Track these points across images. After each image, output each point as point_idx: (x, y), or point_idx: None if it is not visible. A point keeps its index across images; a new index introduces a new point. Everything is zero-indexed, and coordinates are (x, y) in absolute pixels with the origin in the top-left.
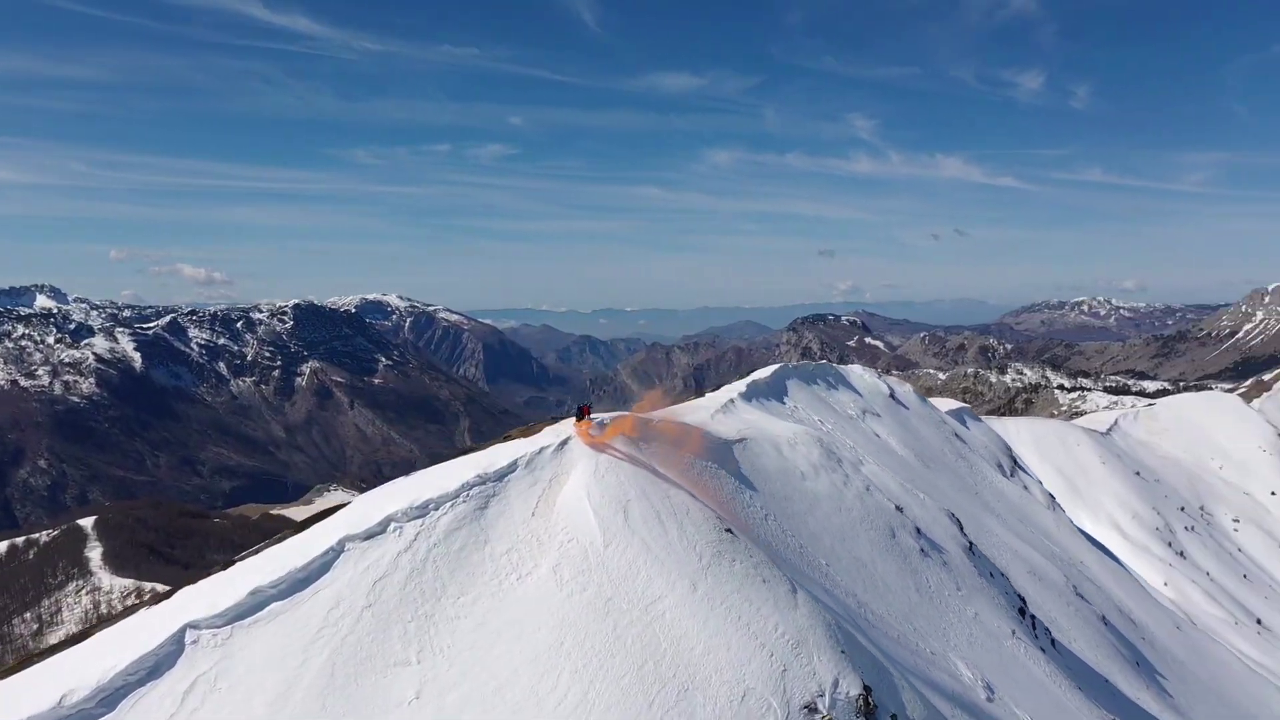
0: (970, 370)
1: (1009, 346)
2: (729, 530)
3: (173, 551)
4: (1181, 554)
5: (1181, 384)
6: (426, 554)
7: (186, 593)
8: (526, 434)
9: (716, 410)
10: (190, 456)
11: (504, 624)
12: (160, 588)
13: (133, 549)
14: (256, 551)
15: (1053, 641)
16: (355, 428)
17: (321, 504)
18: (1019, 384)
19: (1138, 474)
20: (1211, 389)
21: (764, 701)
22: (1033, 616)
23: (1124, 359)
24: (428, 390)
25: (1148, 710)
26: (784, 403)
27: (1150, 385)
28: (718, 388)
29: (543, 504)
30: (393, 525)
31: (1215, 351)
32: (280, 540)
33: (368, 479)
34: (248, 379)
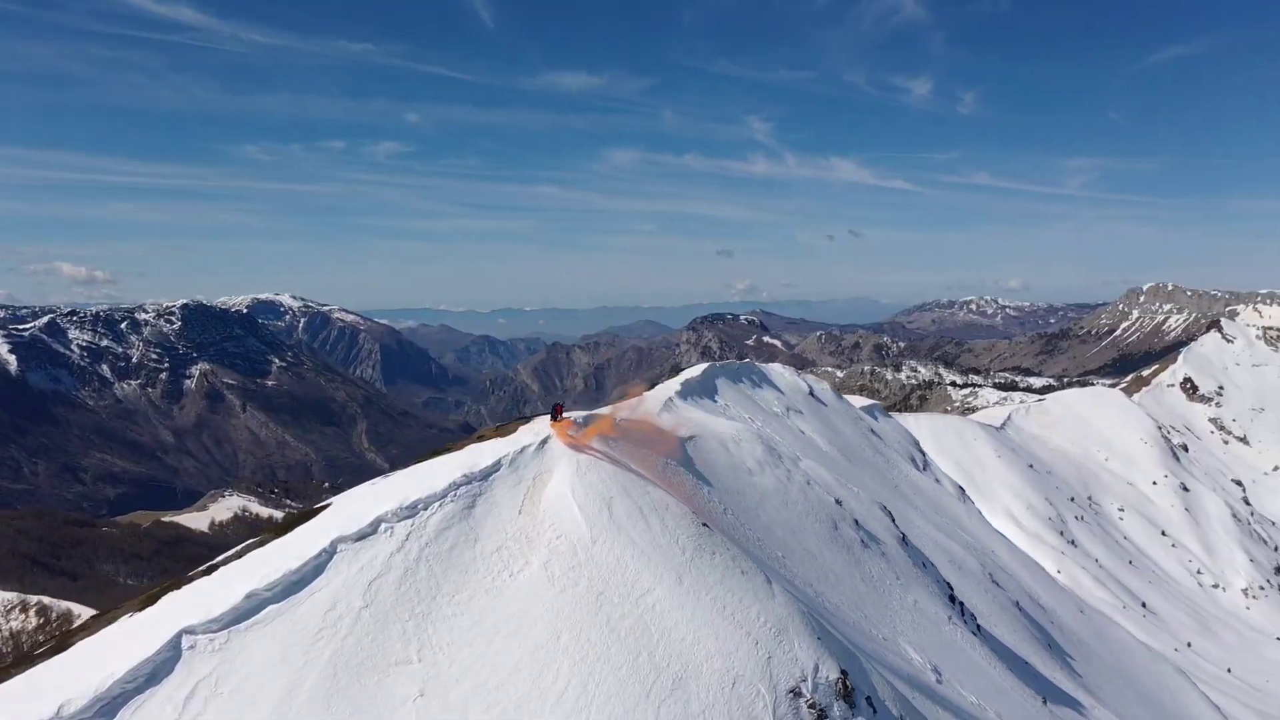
0: (867, 368)
1: (902, 345)
2: (704, 525)
3: (58, 562)
4: (1073, 542)
5: (1065, 380)
6: (419, 554)
7: (173, 599)
8: (500, 433)
9: (660, 409)
10: (71, 463)
11: (501, 620)
12: (48, 601)
13: (14, 560)
14: (239, 555)
15: (978, 626)
16: (248, 431)
17: (217, 510)
18: (914, 381)
19: (1031, 467)
20: (1093, 385)
21: (753, 688)
22: (960, 603)
23: (1011, 356)
24: (324, 392)
25: (1064, 689)
26: (716, 401)
27: (1037, 381)
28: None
29: (528, 502)
30: (383, 526)
31: (1095, 349)
32: (262, 543)
33: (263, 484)
34: (133, 382)
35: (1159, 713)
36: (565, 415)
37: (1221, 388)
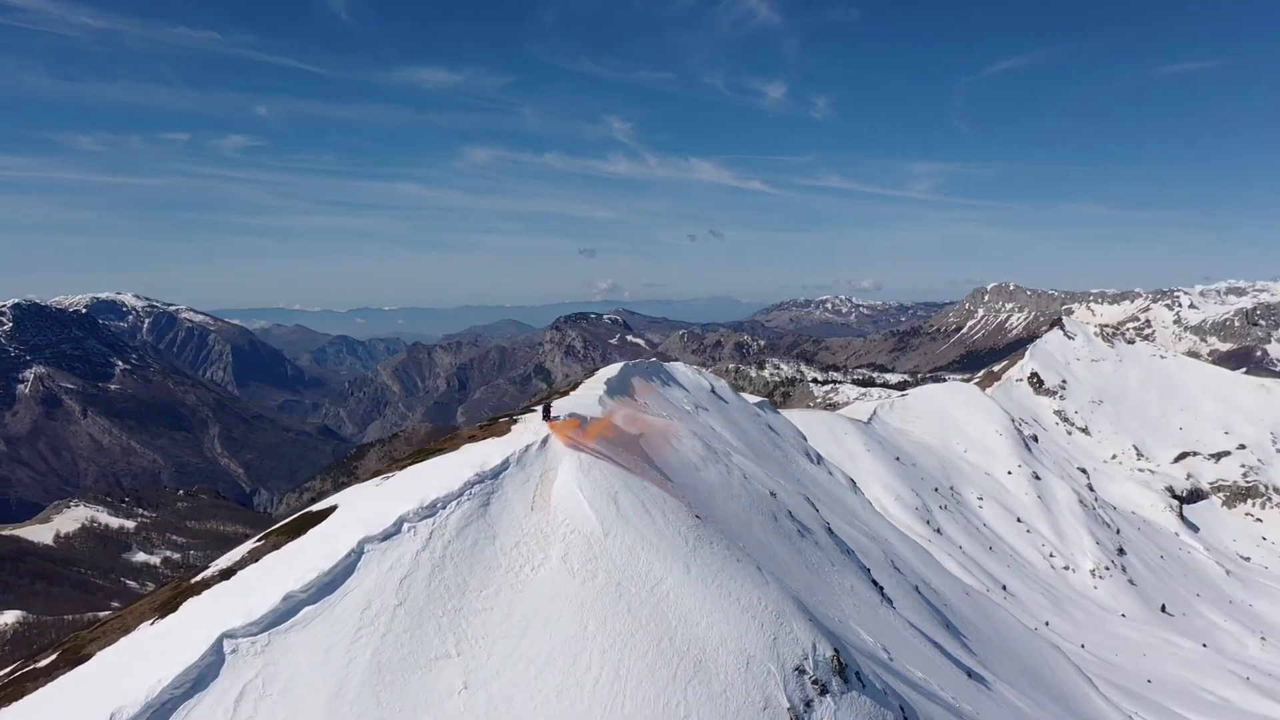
0: (731, 366)
1: (762, 343)
2: (697, 516)
3: None
4: (938, 530)
5: (918, 375)
6: (443, 551)
7: (195, 605)
8: (490, 432)
9: (594, 408)
10: None
11: (529, 613)
12: None
13: None
14: (252, 557)
15: (895, 610)
16: (89, 438)
17: (62, 522)
18: (777, 378)
19: (897, 459)
20: (946, 380)
21: (764, 667)
22: (881, 587)
23: (866, 353)
24: (172, 395)
25: (969, 666)
26: (635, 399)
27: (892, 377)
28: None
29: (538, 499)
30: (406, 525)
31: (945, 345)
32: (275, 545)
33: (112, 493)
34: None
35: (1042, 685)
36: (555, 416)
37: (1064, 382)
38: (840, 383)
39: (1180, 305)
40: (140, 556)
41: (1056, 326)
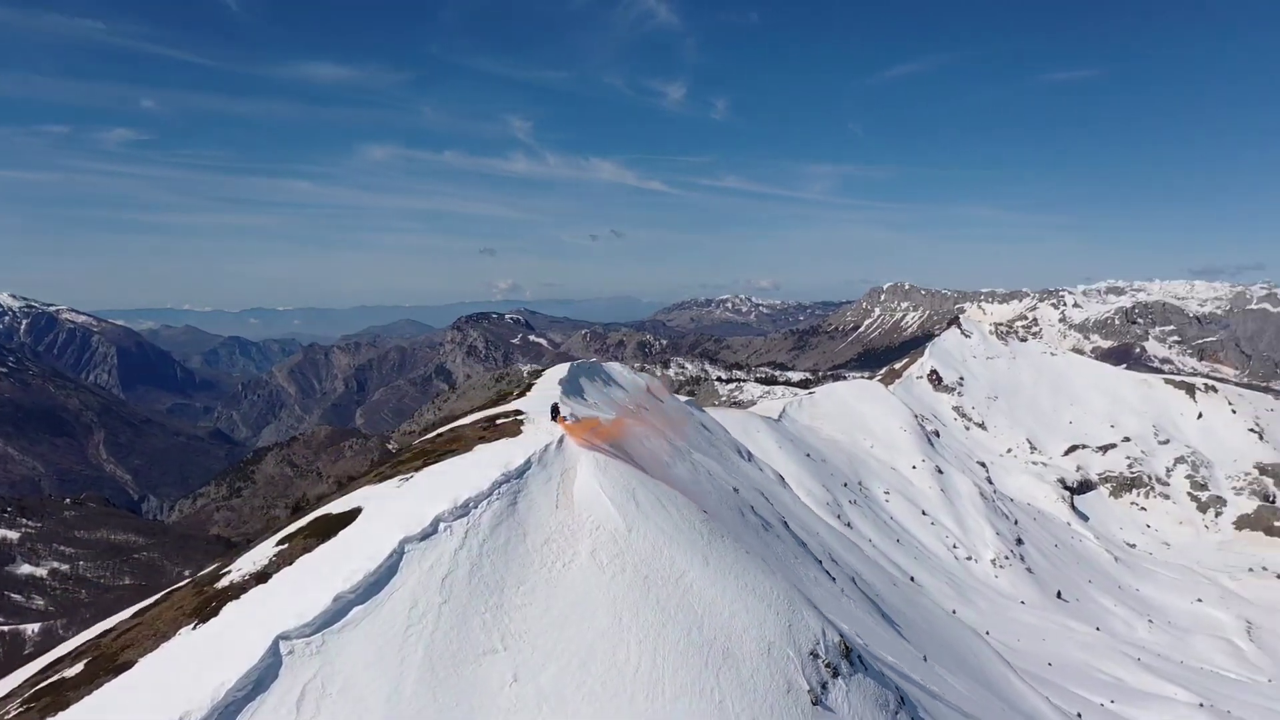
0: (636, 366)
1: (664, 342)
2: (705, 510)
3: None
4: (849, 524)
5: (818, 373)
6: (479, 550)
7: (238, 608)
8: (499, 433)
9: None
10: None
11: (566, 607)
12: None
13: None
14: (285, 561)
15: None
16: None
17: None
18: (682, 377)
19: (808, 455)
20: (845, 377)
21: (783, 652)
22: (834, 578)
23: (767, 352)
24: (53, 400)
25: (911, 650)
26: (585, 399)
27: (794, 376)
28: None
29: (562, 497)
30: (443, 525)
31: (843, 344)
32: (306, 549)
33: None
34: None
35: (968, 669)
36: (564, 416)
37: (962, 379)
38: (744, 381)
39: (1065, 304)
40: (25, 569)
41: (954, 325)
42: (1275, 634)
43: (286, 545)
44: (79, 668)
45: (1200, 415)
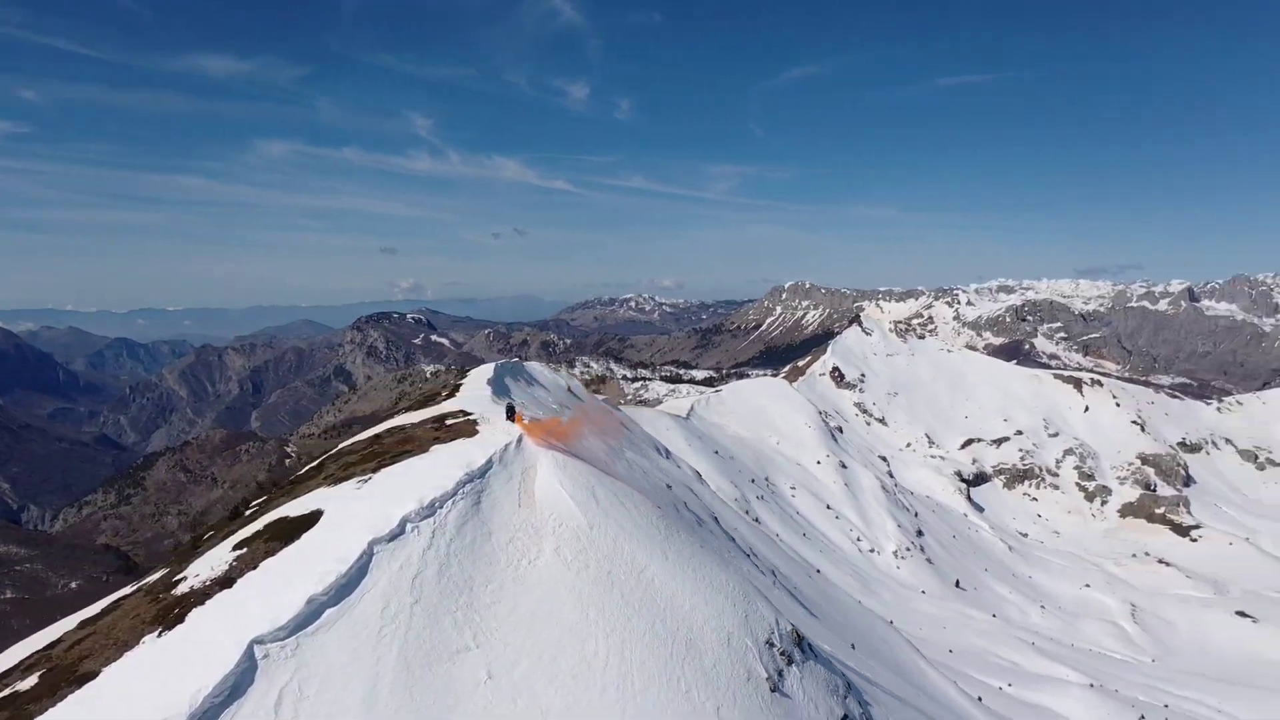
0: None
1: (568, 341)
2: (658, 506)
3: None
4: (757, 520)
5: (722, 371)
6: (447, 549)
7: (204, 613)
8: (454, 433)
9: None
10: None
11: (534, 604)
12: None
13: None
14: (250, 565)
15: None
16: None
17: None
18: (587, 376)
19: (716, 452)
20: (749, 375)
21: (742, 642)
22: (762, 571)
23: (670, 350)
24: None
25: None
26: (514, 399)
27: (698, 374)
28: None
29: (524, 495)
30: (410, 526)
31: (745, 342)
32: (269, 551)
33: None
34: None
35: (881, 658)
36: (520, 417)
37: (863, 375)
38: (650, 379)
39: (959, 302)
40: None
41: (855, 323)
42: (1158, 616)
43: (246, 549)
44: (33, 680)
45: (1087, 409)
